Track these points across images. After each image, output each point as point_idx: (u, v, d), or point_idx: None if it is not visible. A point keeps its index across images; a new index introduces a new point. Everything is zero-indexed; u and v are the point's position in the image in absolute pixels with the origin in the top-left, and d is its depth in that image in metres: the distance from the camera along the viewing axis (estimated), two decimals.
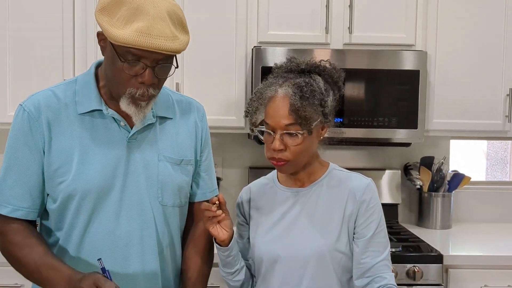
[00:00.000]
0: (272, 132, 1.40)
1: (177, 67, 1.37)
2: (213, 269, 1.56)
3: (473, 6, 2.56)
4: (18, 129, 1.39)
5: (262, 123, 1.44)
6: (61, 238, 1.41)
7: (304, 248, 1.43)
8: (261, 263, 1.48)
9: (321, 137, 1.47)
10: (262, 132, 1.45)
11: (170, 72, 1.37)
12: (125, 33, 1.25)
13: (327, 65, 1.47)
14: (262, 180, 1.59)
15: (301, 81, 1.40)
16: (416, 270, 2.22)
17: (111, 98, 1.41)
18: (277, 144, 1.39)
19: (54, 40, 2.45)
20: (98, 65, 1.46)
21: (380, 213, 1.46)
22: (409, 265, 2.24)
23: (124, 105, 1.35)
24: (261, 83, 1.49)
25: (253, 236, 1.51)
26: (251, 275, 1.55)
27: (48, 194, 1.41)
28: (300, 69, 1.45)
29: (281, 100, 1.39)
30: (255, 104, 1.45)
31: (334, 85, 1.46)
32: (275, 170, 1.57)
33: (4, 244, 1.40)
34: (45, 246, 1.37)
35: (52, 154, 1.37)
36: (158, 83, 1.36)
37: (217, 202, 1.43)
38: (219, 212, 1.42)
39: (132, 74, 1.31)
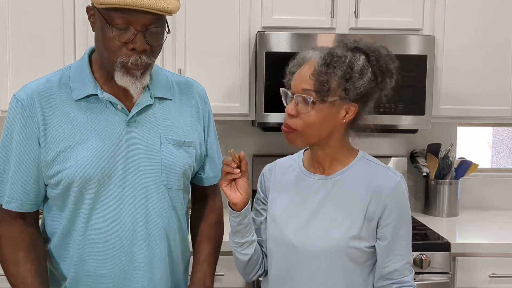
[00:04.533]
0: (292, 96, 1.35)
1: (168, 32, 1.34)
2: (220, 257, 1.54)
3: None
4: (12, 120, 1.37)
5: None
6: (65, 225, 1.40)
7: (320, 241, 1.36)
8: (275, 250, 1.43)
9: (344, 120, 1.34)
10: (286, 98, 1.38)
11: (162, 38, 1.33)
12: None
13: (382, 50, 1.35)
14: (288, 160, 1.52)
15: (338, 51, 1.33)
16: (423, 258, 2.20)
17: (106, 81, 1.38)
18: (290, 106, 1.33)
19: (54, 26, 2.40)
20: (92, 51, 1.43)
21: (406, 216, 1.38)
22: (416, 253, 2.21)
23: (119, 78, 1.32)
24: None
25: (272, 222, 1.44)
26: (263, 254, 1.49)
27: (46, 185, 1.39)
28: (354, 47, 1.35)
29: (308, 64, 1.34)
30: (291, 67, 1.40)
31: (378, 71, 1.33)
32: (302, 150, 1.51)
33: None
34: (31, 263, 1.37)
35: (49, 143, 1.35)
36: (151, 51, 1.32)
37: (237, 157, 1.38)
38: (237, 170, 1.37)
39: (123, 41, 1.28)
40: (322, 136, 1.36)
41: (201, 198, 1.59)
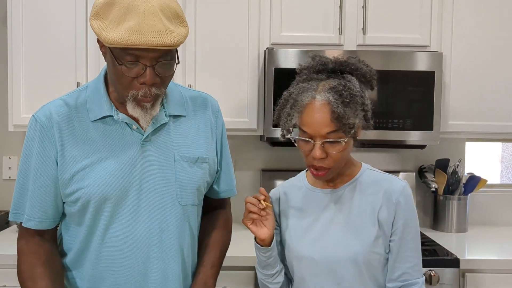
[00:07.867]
0: (311, 140, 1.35)
1: (178, 62, 1.35)
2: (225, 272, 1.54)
3: (488, 6, 2.53)
4: (31, 140, 1.41)
5: (293, 128, 1.39)
6: (82, 242, 1.42)
7: (339, 251, 1.39)
8: (296, 267, 1.45)
9: (357, 139, 1.41)
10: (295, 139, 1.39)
11: (172, 69, 1.34)
12: (117, 34, 1.23)
13: (357, 62, 1.40)
14: (291, 181, 1.55)
15: (337, 84, 1.33)
16: (432, 274, 2.19)
17: (121, 102, 1.40)
18: (318, 153, 1.34)
19: (67, 46, 2.45)
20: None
21: (415, 217, 1.43)
22: (425, 269, 2.20)
23: (130, 109, 1.35)
24: (291, 87, 1.41)
25: (287, 240, 1.47)
26: (288, 279, 1.51)
27: (64, 202, 1.42)
28: (329, 68, 1.38)
29: (320, 107, 1.32)
30: (289, 111, 1.38)
31: (367, 84, 1.41)
32: (304, 171, 1.54)
33: (17, 265, 1.42)
34: (48, 279, 1.38)
35: (66, 162, 1.38)
36: (161, 82, 1.33)
37: (262, 197, 1.38)
38: (264, 213, 1.38)
39: (132, 76, 1.29)
40: (345, 161, 1.41)
41: (213, 208, 1.61)
